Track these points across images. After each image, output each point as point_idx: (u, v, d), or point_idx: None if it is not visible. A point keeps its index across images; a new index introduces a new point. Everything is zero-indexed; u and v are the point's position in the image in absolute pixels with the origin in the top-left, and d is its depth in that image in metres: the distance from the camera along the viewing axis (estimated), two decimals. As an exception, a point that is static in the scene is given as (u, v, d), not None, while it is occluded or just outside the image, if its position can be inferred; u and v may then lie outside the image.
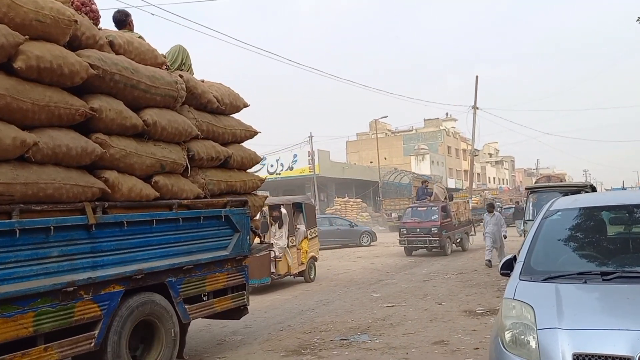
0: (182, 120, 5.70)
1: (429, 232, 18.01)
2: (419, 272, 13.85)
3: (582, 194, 9.10)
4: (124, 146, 4.98)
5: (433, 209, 18.71)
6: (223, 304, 6.29)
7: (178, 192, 5.61)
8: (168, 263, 5.43)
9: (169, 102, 5.63)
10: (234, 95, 6.92)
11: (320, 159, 43.70)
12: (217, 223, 6.12)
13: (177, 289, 5.58)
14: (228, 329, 7.85)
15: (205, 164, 6.11)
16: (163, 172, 5.46)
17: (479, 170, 72.47)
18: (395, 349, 6.36)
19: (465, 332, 7.06)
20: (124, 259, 4.93)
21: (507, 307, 3.47)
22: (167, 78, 5.58)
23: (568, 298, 3.35)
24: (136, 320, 5.12)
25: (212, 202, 6.10)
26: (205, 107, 6.38)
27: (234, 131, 6.74)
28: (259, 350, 6.63)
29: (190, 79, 6.14)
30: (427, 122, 72.96)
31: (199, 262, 5.82)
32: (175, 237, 5.54)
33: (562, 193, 11.52)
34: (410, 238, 18.46)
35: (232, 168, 6.67)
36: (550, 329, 3.11)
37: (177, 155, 5.62)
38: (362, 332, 7.29)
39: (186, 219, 5.66)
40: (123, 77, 4.96)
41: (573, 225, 4.39)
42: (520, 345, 3.20)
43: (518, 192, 56.38)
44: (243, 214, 6.49)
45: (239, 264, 6.52)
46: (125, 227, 4.92)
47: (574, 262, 4.03)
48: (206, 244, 5.96)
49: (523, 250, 4.07)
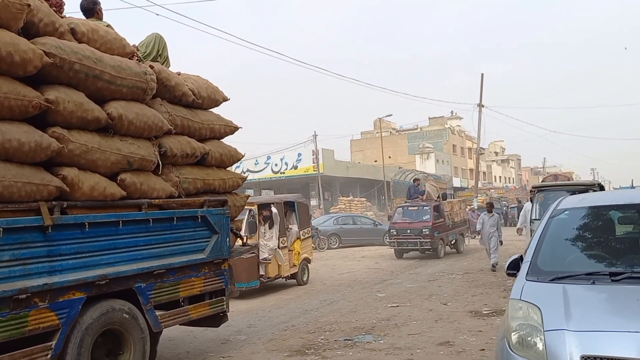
0: (152, 114, 5.32)
1: (420, 234, 16.98)
2: (424, 272, 13.79)
3: (590, 193, 9.01)
4: (85, 141, 4.59)
5: (425, 209, 17.67)
6: (199, 311, 5.90)
7: (148, 191, 5.24)
8: (136, 267, 5.03)
9: (138, 95, 5.24)
10: (213, 88, 6.55)
11: (325, 158, 43.68)
12: (193, 224, 5.74)
13: (147, 295, 5.18)
14: (232, 328, 7.81)
15: (179, 160, 5.76)
16: (131, 169, 5.09)
17: (484, 169, 72.22)
18: (400, 350, 6.31)
19: (471, 333, 7.00)
20: (86, 264, 4.55)
21: (514, 308, 3.42)
22: (135, 69, 5.19)
23: (576, 299, 3.29)
24: (100, 329, 4.72)
25: (188, 202, 5.74)
26: (180, 100, 6.00)
27: (212, 126, 6.37)
28: (263, 350, 6.59)
29: (163, 70, 5.75)
30: (432, 120, 72.74)
31: (172, 266, 5.43)
32: (145, 240, 5.17)
33: (570, 192, 11.43)
34: (400, 239, 17.44)
35: (210, 166, 6.31)
36: (557, 330, 3.05)
37: (147, 152, 5.24)
38: (367, 333, 7.24)
39: (157, 220, 5.28)
40: (84, 66, 4.57)
41: (581, 225, 4.32)
42: (527, 347, 3.15)
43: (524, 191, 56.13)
44: (222, 214, 6.11)
45: (218, 268, 6.12)
46: (87, 229, 4.55)
47: (582, 262, 3.96)
48: (180, 246, 5.58)
49: (530, 250, 4.00)
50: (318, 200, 43.65)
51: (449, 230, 18.11)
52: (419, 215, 17.61)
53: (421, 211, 17.74)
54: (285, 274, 11.61)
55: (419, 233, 16.99)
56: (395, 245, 17.73)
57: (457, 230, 18.91)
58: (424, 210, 17.68)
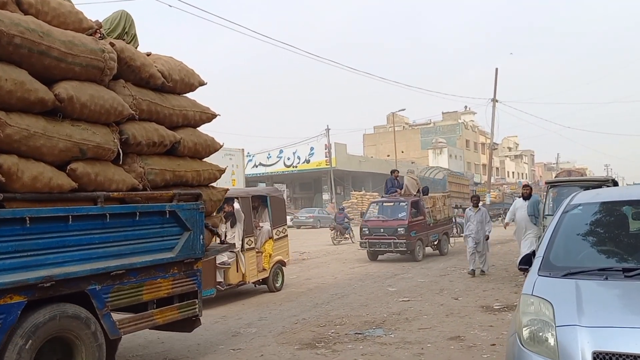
0: (110, 97, 4.77)
1: (395, 233, 14.83)
2: (435, 267, 13.74)
3: (603, 188, 8.91)
4: (27, 125, 4.05)
5: (401, 205, 15.44)
6: (166, 315, 5.33)
7: (105, 183, 4.71)
8: (90, 268, 4.48)
9: (94, 75, 4.69)
10: (187, 70, 6.01)
11: (337, 152, 43.71)
12: (161, 220, 5.21)
13: (102, 299, 4.63)
14: (243, 321, 7.85)
15: (145, 149, 5.21)
16: (84, 158, 4.54)
17: (497, 164, 71.80)
18: (410, 344, 6.29)
19: (482, 327, 6.97)
20: (27, 264, 4.01)
21: (525, 303, 3.39)
22: (91, 45, 4.62)
23: (588, 295, 3.25)
24: (45, 337, 4.18)
25: (154, 196, 5.20)
26: (148, 83, 5.44)
27: (186, 113, 5.83)
28: (273, 343, 6.60)
29: (126, 49, 5.17)
30: (446, 115, 72.44)
31: (133, 267, 4.90)
32: (101, 237, 4.62)
33: (583, 187, 11.32)
34: (372, 240, 15.26)
35: (182, 156, 5.79)
36: (569, 326, 3.03)
37: (104, 139, 4.70)
38: (377, 327, 7.22)
39: (116, 215, 4.74)
40: (27, 40, 4.04)
41: (594, 220, 4.26)
42: (538, 343, 3.12)
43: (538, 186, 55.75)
44: (195, 209, 5.56)
45: (189, 268, 5.58)
46: (28, 225, 4.00)
47: (595, 257, 3.92)
48: (145, 244, 5.03)
49: (542, 245, 3.96)
50: (330, 195, 43.69)
51: (429, 229, 15.94)
52: (394, 213, 15.51)
53: (397, 208, 15.56)
54: (252, 280, 9.96)
55: (393, 233, 14.92)
56: (367, 246, 15.55)
57: (440, 229, 16.68)
58: (400, 207, 15.48)
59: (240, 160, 19.56)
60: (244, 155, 20.90)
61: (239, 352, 6.26)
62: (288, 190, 52.90)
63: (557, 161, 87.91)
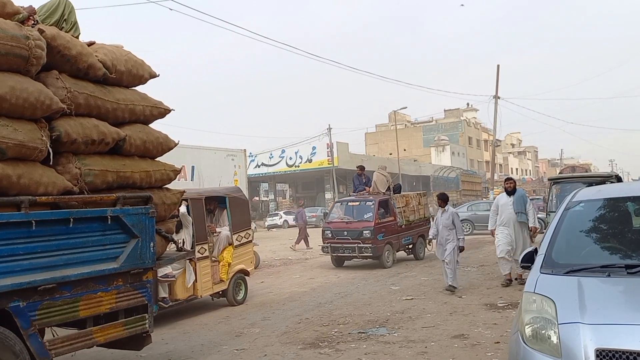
0: (35, 89, 4.25)
1: (360, 236, 13.07)
2: (439, 265, 13.66)
3: (606, 185, 8.88)
4: None
5: (367, 205, 13.66)
6: (109, 333, 4.74)
7: (31, 186, 4.18)
8: (11, 282, 3.90)
9: (16, 64, 4.20)
10: (135, 61, 5.48)
11: (339, 151, 43.67)
12: (101, 227, 4.62)
13: (27, 317, 4.04)
14: (246, 321, 7.85)
15: (82, 148, 4.70)
16: (4, 158, 4.06)
17: (501, 161, 71.64)
18: (414, 343, 6.28)
19: (486, 325, 6.94)
20: None
21: (528, 301, 3.38)
22: (13, 31, 4.13)
23: (591, 292, 3.24)
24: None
25: (93, 199, 4.66)
26: (87, 74, 4.92)
27: (133, 107, 5.31)
28: (277, 343, 6.60)
29: (59, 36, 4.63)
30: (448, 112, 72.30)
31: (66, 280, 4.29)
32: (26, 247, 4.03)
33: (586, 184, 11.31)
34: (335, 244, 13.45)
35: (129, 155, 5.28)
36: (572, 323, 3.01)
37: (28, 136, 4.19)
38: (381, 325, 7.21)
39: (45, 222, 4.15)
40: None
41: (597, 217, 4.24)
42: (541, 340, 3.11)
43: (542, 182, 55.67)
44: (143, 214, 4.96)
45: (137, 279, 4.97)
46: None
47: (598, 254, 3.90)
48: (81, 254, 4.45)
49: (544, 243, 3.95)
50: (333, 194, 43.66)
51: (401, 231, 14.09)
52: (360, 213, 13.77)
53: (363, 207, 13.79)
54: (206, 293, 8.57)
55: (358, 236, 13.15)
56: (329, 251, 13.70)
57: (414, 231, 14.69)
58: (366, 206, 13.71)
59: (242, 161, 19.55)
60: (246, 156, 20.88)
61: (243, 352, 6.26)
62: (291, 190, 52.93)
63: (561, 157, 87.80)
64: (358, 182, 15.19)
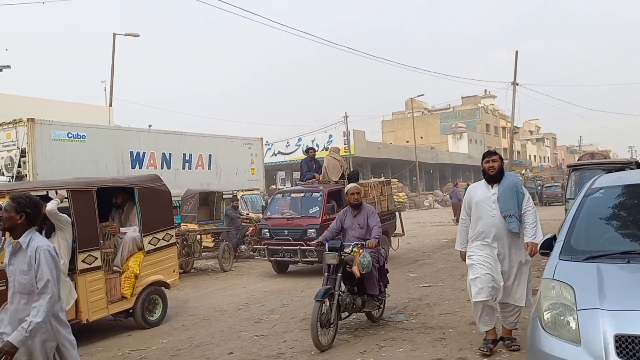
0: None
1: (304, 236, 10.36)
2: (457, 252, 13.66)
3: (626, 171, 8.78)
4: None
5: (314, 197, 10.92)
6: None
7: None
8: None
9: None
10: None
11: (356, 139, 43.55)
12: None
13: None
14: (265, 308, 7.95)
15: None
16: None
17: (519, 148, 70.94)
18: (431, 329, 6.31)
19: (504, 312, 6.95)
20: None
21: (546, 288, 3.38)
22: None
23: (610, 278, 3.23)
24: None
25: None
26: None
27: None
28: (296, 329, 6.68)
29: None
30: (465, 99, 71.67)
31: None
32: None
33: (606, 170, 11.17)
34: (273, 246, 10.73)
35: None
36: (591, 309, 3.01)
37: None
38: (399, 312, 7.25)
39: None
40: None
41: (616, 203, 4.20)
42: (559, 326, 3.12)
43: (560, 170, 55.01)
44: None
45: None
46: None
47: (617, 241, 3.87)
48: None
49: (563, 229, 3.93)
50: (349, 182, 43.63)
51: None
52: (305, 208, 10.94)
53: (309, 200, 10.97)
54: (97, 316, 6.45)
55: (301, 236, 10.47)
56: (267, 254, 10.88)
57: None
58: (312, 199, 10.94)
59: (259, 149, 19.56)
60: (263, 144, 20.90)
61: (262, 338, 6.35)
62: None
63: (580, 144, 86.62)
64: (307, 168, 12.33)
